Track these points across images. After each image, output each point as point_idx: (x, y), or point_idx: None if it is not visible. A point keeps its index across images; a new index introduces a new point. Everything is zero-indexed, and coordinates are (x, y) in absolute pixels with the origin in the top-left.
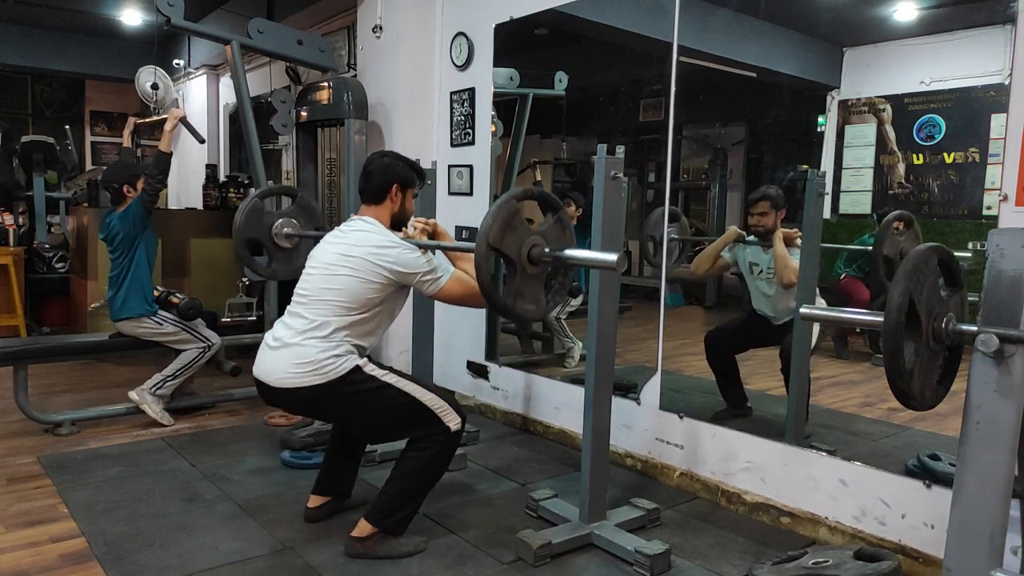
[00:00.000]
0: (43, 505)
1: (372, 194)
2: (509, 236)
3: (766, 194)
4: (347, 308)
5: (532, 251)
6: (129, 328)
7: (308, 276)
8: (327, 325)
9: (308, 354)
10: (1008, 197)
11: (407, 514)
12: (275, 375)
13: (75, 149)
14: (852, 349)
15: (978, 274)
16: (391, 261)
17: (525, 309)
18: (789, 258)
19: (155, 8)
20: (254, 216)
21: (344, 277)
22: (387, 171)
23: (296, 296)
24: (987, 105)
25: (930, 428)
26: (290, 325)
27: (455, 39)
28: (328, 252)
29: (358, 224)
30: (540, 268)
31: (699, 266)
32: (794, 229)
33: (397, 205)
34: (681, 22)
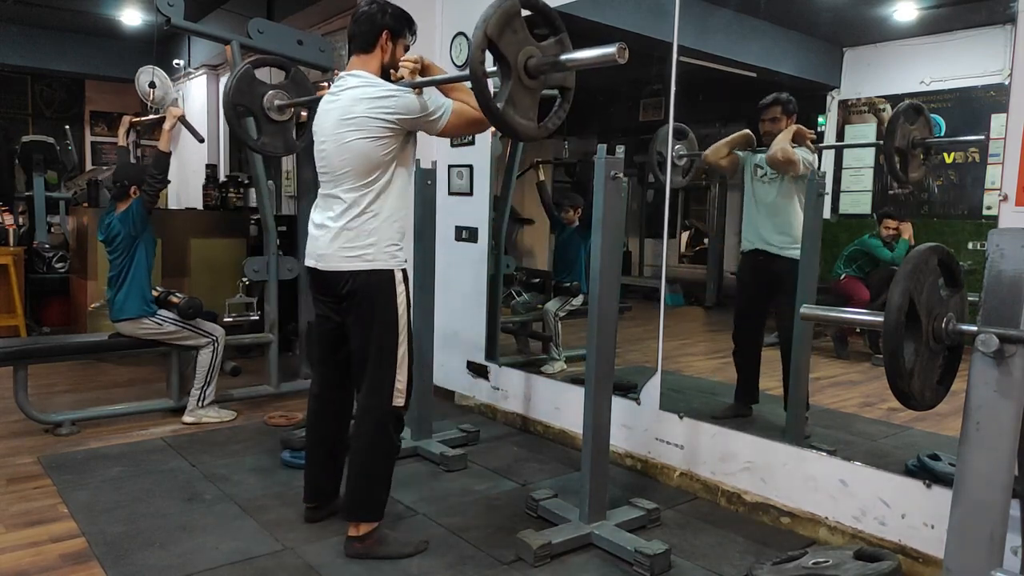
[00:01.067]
0: (43, 505)
1: (361, 41)
2: (508, 36)
3: (778, 99)
4: (368, 171)
5: (530, 61)
6: (129, 329)
7: (321, 150)
8: (361, 199)
9: (350, 236)
10: (1008, 197)
11: (377, 498)
12: (323, 260)
13: (75, 149)
14: (852, 349)
15: (978, 274)
16: (391, 110)
17: (517, 121)
18: (786, 140)
19: (155, 8)
20: (245, 83)
21: (353, 142)
22: (375, 18)
23: (320, 175)
24: (987, 105)
25: (930, 428)
26: (327, 207)
27: (455, 39)
28: (330, 119)
29: (348, 81)
30: (536, 83)
31: (714, 153)
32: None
33: (387, 55)
34: (681, 22)
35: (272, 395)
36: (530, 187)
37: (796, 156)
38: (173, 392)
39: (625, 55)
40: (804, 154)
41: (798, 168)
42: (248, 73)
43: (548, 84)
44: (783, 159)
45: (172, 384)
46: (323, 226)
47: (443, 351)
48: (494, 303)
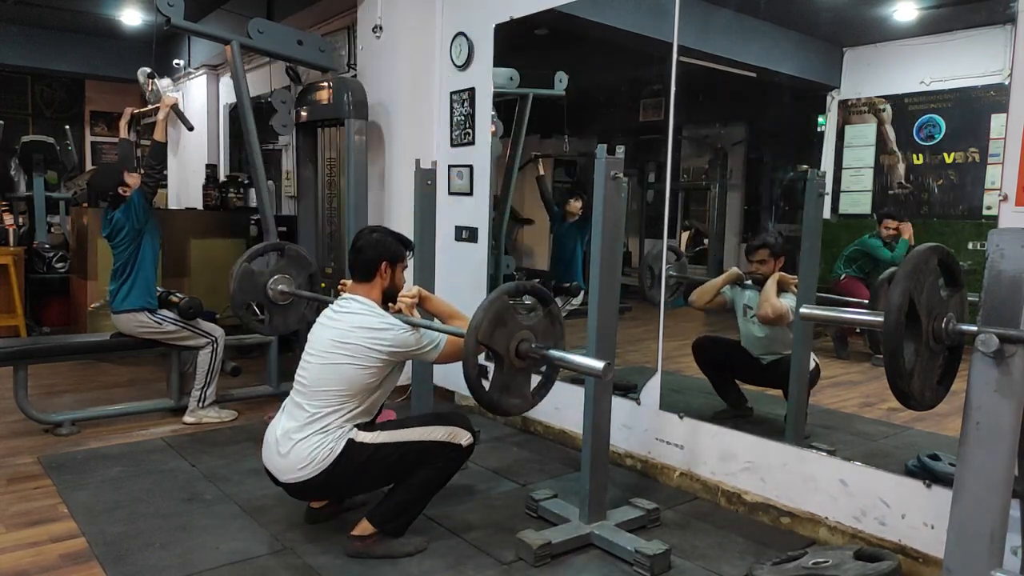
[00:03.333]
0: (43, 505)
1: (361, 270)
2: (499, 332)
3: (765, 242)
4: (346, 397)
5: (520, 346)
6: (128, 323)
7: (307, 364)
8: (327, 418)
9: (308, 452)
10: (1008, 197)
11: (410, 518)
12: (284, 475)
13: (75, 149)
14: (852, 349)
15: (978, 274)
16: (388, 344)
17: (510, 404)
18: (773, 295)
19: (155, 8)
20: (247, 280)
21: (342, 366)
22: (376, 247)
23: (297, 384)
24: (987, 105)
25: (930, 428)
26: (293, 418)
27: (455, 39)
28: (324, 338)
29: (351, 305)
30: (527, 363)
31: (699, 298)
32: (792, 276)
33: (387, 281)
34: (681, 22)
35: (272, 395)
36: (530, 187)
37: (784, 308)
38: (173, 392)
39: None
40: (789, 301)
41: (788, 318)
42: (247, 270)
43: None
44: (775, 316)
45: (172, 384)
46: (285, 436)
47: None
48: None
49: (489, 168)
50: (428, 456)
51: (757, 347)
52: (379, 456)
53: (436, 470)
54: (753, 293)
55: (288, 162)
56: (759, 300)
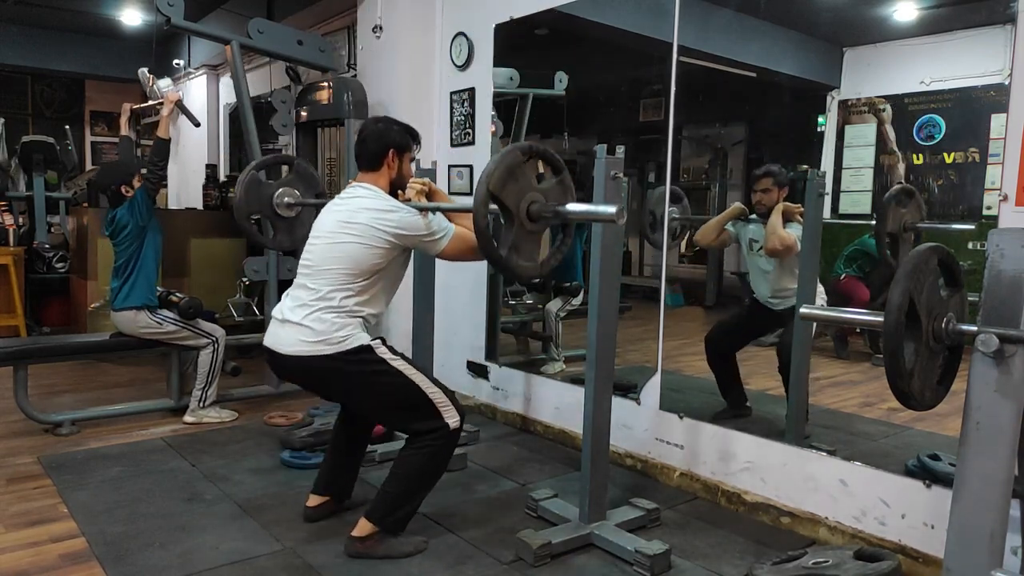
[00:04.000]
0: (43, 505)
1: (368, 160)
2: (510, 186)
3: (769, 171)
4: (351, 276)
5: (532, 207)
6: (128, 321)
7: (312, 246)
8: (333, 295)
9: (317, 325)
10: (1008, 197)
11: (407, 513)
12: (285, 345)
13: (75, 149)
14: (852, 349)
15: (978, 274)
16: (394, 225)
17: (520, 265)
18: (780, 226)
19: (155, 8)
20: (253, 189)
21: (347, 244)
22: (382, 136)
23: (301, 267)
24: (987, 105)
25: (930, 428)
26: (297, 297)
27: (455, 39)
28: (330, 221)
29: (357, 191)
30: (539, 225)
31: (704, 236)
32: (797, 205)
33: (394, 171)
34: (681, 22)
35: (272, 395)
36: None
37: (792, 239)
38: (173, 392)
39: (623, 218)
40: (796, 231)
41: (795, 249)
42: (255, 178)
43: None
44: (782, 247)
45: (172, 384)
46: (290, 312)
47: (443, 351)
48: (494, 303)
49: None
50: (418, 412)
51: (764, 284)
52: (385, 378)
53: (425, 456)
54: (757, 227)
55: None
56: (766, 233)
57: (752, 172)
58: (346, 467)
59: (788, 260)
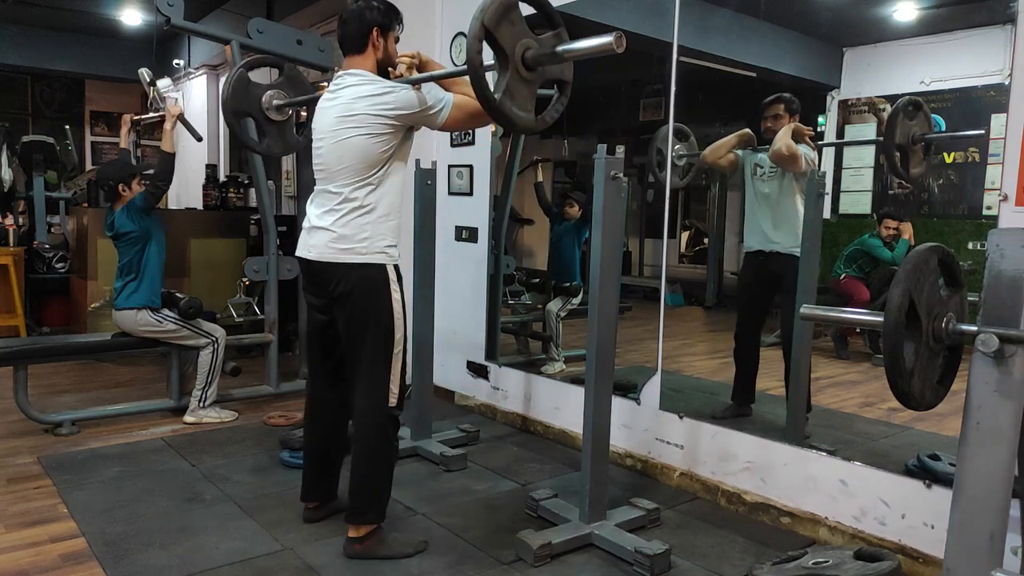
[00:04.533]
0: (43, 505)
1: (352, 43)
2: (505, 27)
3: (780, 96)
4: (367, 168)
5: (527, 52)
6: (129, 320)
7: (319, 148)
8: (356, 193)
9: (345, 230)
10: (1008, 197)
11: (378, 501)
12: (315, 250)
13: (75, 149)
14: (852, 349)
15: (978, 274)
16: (392, 106)
17: (515, 113)
18: (787, 136)
19: (155, 8)
20: (241, 87)
21: (352, 140)
22: (362, 16)
23: (316, 172)
24: (987, 105)
25: (930, 428)
26: (322, 203)
27: (455, 39)
28: (328, 118)
29: (346, 79)
30: (534, 74)
31: (712, 154)
32: (808, 127)
33: (380, 51)
34: (681, 22)
35: (272, 395)
36: (530, 187)
37: (799, 151)
38: (173, 392)
39: (623, 44)
40: (805, 151)
41: (801, 164)
42: (243, 77)
43: (546, 77)
44: (788, 154)
45: (172, 384)
46: (318, 219)
47: (443, 351)
48: (494, 303)
49: (489, 168)
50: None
51: (765, 210)
52: (382, 308)
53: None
54: (764, 155)
55: (288, 162)
56: (774, 141)
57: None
58: (324, 472)
59: (789, 186)
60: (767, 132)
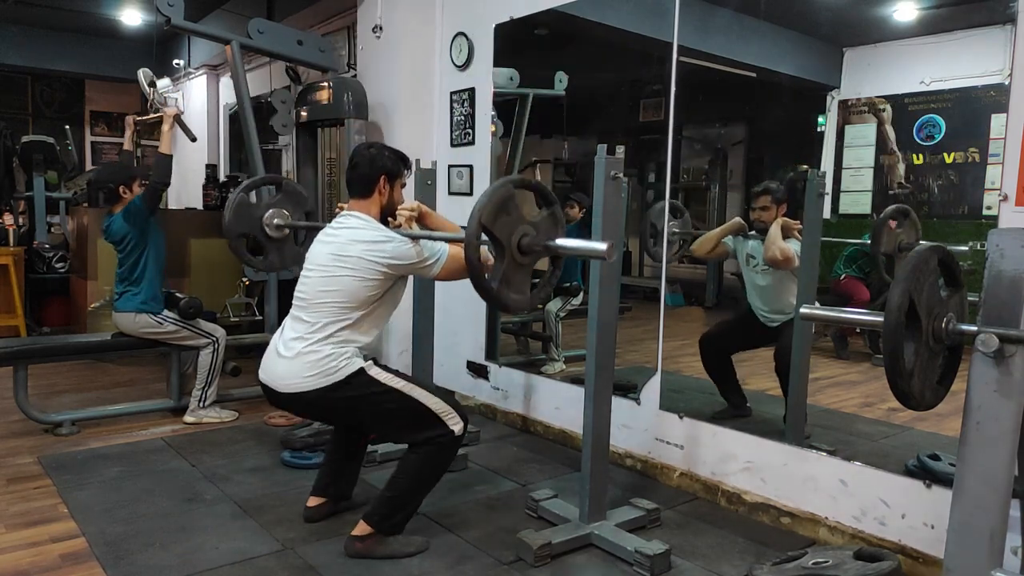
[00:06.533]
0: (43, 505)
1: (360, 187)
2: (502, 219)
3: (767, 188)
4: (347, 308)
5: (523, 240)
6: (128, 321)
7: (306, 279)
8: (329, 327)
9: (313, 360)
10: (1008, 197)
11: (405, 516)
12: (282, 381)
13: (75, 149)
14: (852, 349)
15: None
16: (387, 256)
17: (511, 298)
18: (779, 238)
19: (155, 8)
20: (243, 211)
21: (341, 278)
22: (373, 163)
23: (296, 299)
24: (987, 105)
25: (930, 428)
26: (294, 329)
27: (455, 39)
28: (323, 253)
29: (349, 221)
30: (529, 258)
31: (701, 247)
32: (796, 222)
33: (385, 197)
34: (681, 22)
35: None
36: None
37: (792, 252)
38: (173, 392)
39: (613, 255)
40: (795, 246)
41: (794, 262)
42: (243, 200)
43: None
44: (783, 259)
45: (172, 384)
46: (285, 347)
47: (443, 351)
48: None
49: (489, 168)
50: (421, 424)
51: (762, 300)
52: (382, 398)
53: (426, 461)
54: (756, 243)
55: (288, 162)
56: (766, 243)
57: (751, 189)
58: (346, 469)
59: (785, 276)
60: (756, 221)
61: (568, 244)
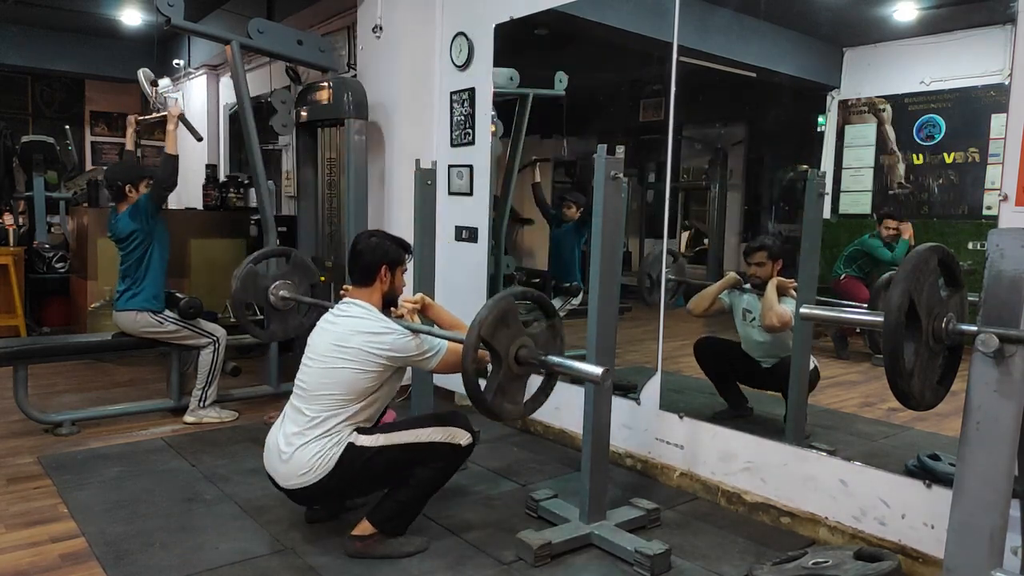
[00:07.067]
0: (43, 505)
1: (361, 275)
2: (501, 331)
3: (763, 244)
4: (346, 401)
5: (520, 352)
6: (129, 321)
7: (306, 368)
8: (327, 421)
9: (309, 459)
10: (1008, 197)
11: (410, 517)
12: (284, 480)
13: (75, 149)
14: (852, 349)
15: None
16: (387, 348)
17: (504, 408)
18: (775, 303)
19: (155, 8)
20: (250, 281)
21: (341, 370)
22: (375, 251)
23: (296, 388)
24: (987, 105)
25: (930, 428)
26: (295, 423)
27: (455, 39)
28: (323, 342)
29: (351, 310)
30: (525, 369)
31: (697, 306)
32: (790, 280)
33: (387, 285)
34: (681, 22)
35: (272, 395)
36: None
37: (789, 316)
38: (173, 392)
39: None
40: (788, 305)
41: (791, 324)
42: (252, 271)
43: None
44: (780, 325)
45: (172, 384)
46: (287, 444)
47: None
48: None
49: (489, 168)
50: (428, 457)
51: (758, 351)
52: (380, 459)
53: (436, 470)
54: (751, 297)
55: (288, 162)
56: (762, 310)
57: (746, 246)
58: None
59: (782, 333)
60: (752, 276)
61: (564, 363)
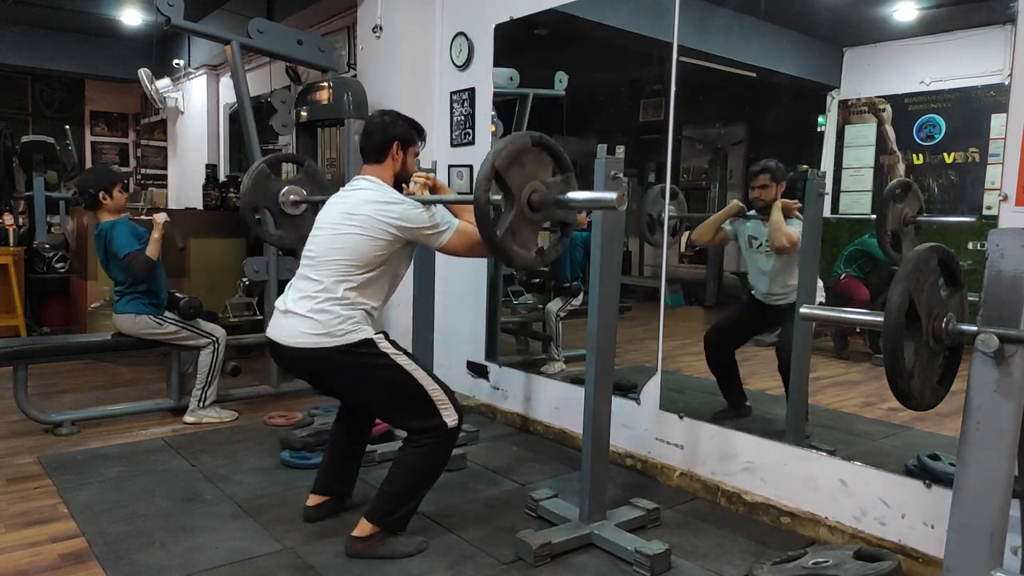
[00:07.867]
0: (43, 505)
1: (373, 153)
2: (515, 170)
3: (766, 167)
4: (354, 267)
5: (534, 196)
6: (129, 323)
7: (315, 237)
8: (336, 286)
9: (323, 319)
10: (1008, 197)
11: (407, 511)
12: (288, 336)
13: (75, 149)
14: (852, 349)
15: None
16: (396, 217)
17: (516, 251)
18: (783, 223)
19: (155, 8)
20: (261, 182)
21: (350, 236)
22: (387, 129)
23: (304, 258)
24: (987, 105)
25: (930, 428)
26: (301, 288)
27: (455, 39)
28: (333, 212)
29: (361, 183)
30: (538, 215)
31: (701, 235)
32: (795, 201)
33: (399, 164)
34: (681, 22)
35: (272, 395)
36: None
37: (796, 236)
38: (173, 392)
39: (624, 203)
40: (796, 227)
41: (799, 245)
42: (263, 171)
43: (550, 218)
44: (789, 245)
45: (172, 384)
46: (293, 303)
47: (443, 351)
48: (494, 303)
49: None
50: (417, 408)
51: (765, 283)
52: (386, 372)
53: (423, 454)
54: (756, 224)
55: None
56: (770, 231)
57: (749, 168)
58: (346, 467)
59: (788, 257)
60: (755, 200)
61: (579, 196)
